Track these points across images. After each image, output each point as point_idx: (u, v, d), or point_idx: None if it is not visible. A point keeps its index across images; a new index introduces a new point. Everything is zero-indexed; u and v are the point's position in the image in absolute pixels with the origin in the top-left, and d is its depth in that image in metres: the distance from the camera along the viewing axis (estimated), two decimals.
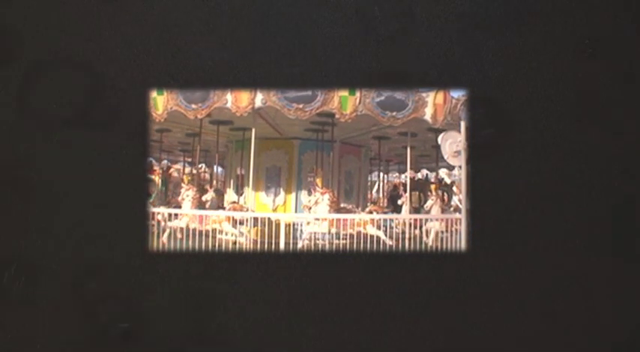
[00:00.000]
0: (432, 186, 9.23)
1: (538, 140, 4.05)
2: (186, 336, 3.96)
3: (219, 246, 7.19)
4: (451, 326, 4.00)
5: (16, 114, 4.00)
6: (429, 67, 4.07)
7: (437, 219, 7.83)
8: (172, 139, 9.92)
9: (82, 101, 4.00)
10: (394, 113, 7.33)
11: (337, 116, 7.27)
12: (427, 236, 7.70)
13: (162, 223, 7.29)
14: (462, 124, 6.33)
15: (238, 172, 9.52)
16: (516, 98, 4.06)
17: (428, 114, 7.40)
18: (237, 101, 7.24)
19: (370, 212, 8.16)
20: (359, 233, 7.68)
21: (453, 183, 9.82)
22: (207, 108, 7.31)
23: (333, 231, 7.67)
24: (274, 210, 8.91)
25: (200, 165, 11.20)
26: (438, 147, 8.81)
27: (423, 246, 7.40)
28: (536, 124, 4.05)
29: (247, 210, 8.40)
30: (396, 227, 7.83)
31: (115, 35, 4.02)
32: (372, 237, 7.66)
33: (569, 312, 4.00)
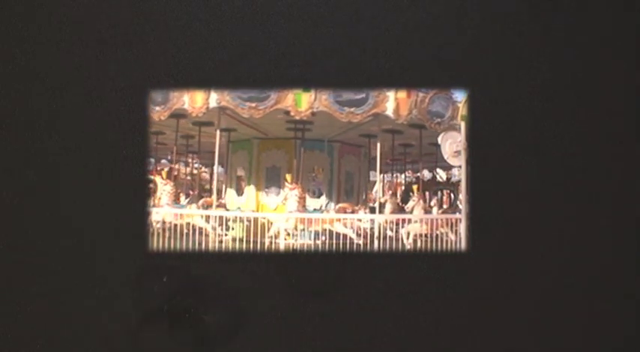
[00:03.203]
0: (414, 187, 9.15)
1: (538, 140, 4.05)
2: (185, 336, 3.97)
3: (194, 239, 7.27)
4: (451, 326, 4.00)
5: (16, 114, 4.01)
6: (429, 67, 4.07)
7: (418, 221, 7.76)
8: (177, 141, 9.97)
9: (82, 101, 4.01)
10: (352, 109, 7.21)
11: (292, 113, 7.22)
12: (407, 237, 7.67)
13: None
14: (462, 124, 6.34)
15: (238, 173, 9.53)
16: (516, 98, 4.06)
17: (390, 109, 7.26)
18: (192, 102, 7.26)
19: (341, 210, 8.09)
20: (327, 230, 7.65)
21: (458, 182, 9.77)
22: (168, 109, 7.32)
23: (300, 227, 7.65)
24: (274, 209, 8.90)
25: (212, 168, 11.31)
26: (436, 145, 8.77)
27: (401, 246, 7.39)
28: (536, 124, 4.05)
29: (219, 205, 8.46)
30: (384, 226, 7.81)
31: (115, 35, 4.02)
32: (342, 235, 7.65)
33: (568, 312, 4.01)
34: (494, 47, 4.07)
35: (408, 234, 7.67)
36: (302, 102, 7.13)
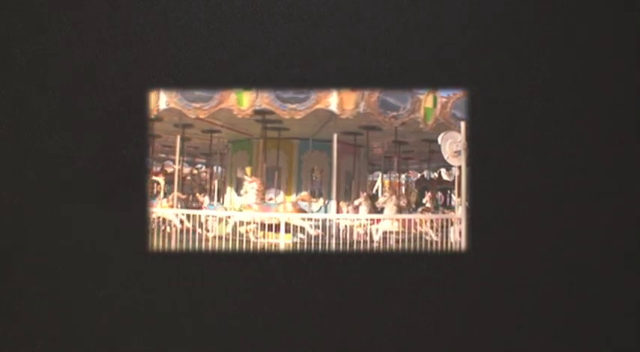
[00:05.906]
0: (386, 182, 9.09)
1: (538, 140, 4.05)
2: (185, 335, 3.97)
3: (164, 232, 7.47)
4: (451, 326, 4.00)
5: (16, 114, 4.01)
6: (429, 67, 4.07)
7: (389, 219, 7.76)
8: (154, 142, 10.13)
9: (82, 101, 4.00)
10: (295, 105, 7.28)
11: (235, 112, 7.31)
12: (376, 234, 7.69)
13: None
14: (462, 124, 6.33)
15: (238, 173, 9.55)
16: (516, 98, 4.06)
17: (333, 104, 7.31)
18: None
19: (296, 203, 8.14)
20: (286, 223, 7.70)
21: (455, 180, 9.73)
22: None
23: (258, 220, 7.70)
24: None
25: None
26: (431, 143, 8.72)
27: (369, 243, 7.47)
28: (536, 124, 4.05)
29: (190, 200, 8.62)
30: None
31: (115, 35, 4.02)
32: (299, 227, 7.70)
33: (568, 312, 4.01)
34: (494, 47, 4.07)
35: (377, 230, 7.68)
36: (244, 100, 7.25)
